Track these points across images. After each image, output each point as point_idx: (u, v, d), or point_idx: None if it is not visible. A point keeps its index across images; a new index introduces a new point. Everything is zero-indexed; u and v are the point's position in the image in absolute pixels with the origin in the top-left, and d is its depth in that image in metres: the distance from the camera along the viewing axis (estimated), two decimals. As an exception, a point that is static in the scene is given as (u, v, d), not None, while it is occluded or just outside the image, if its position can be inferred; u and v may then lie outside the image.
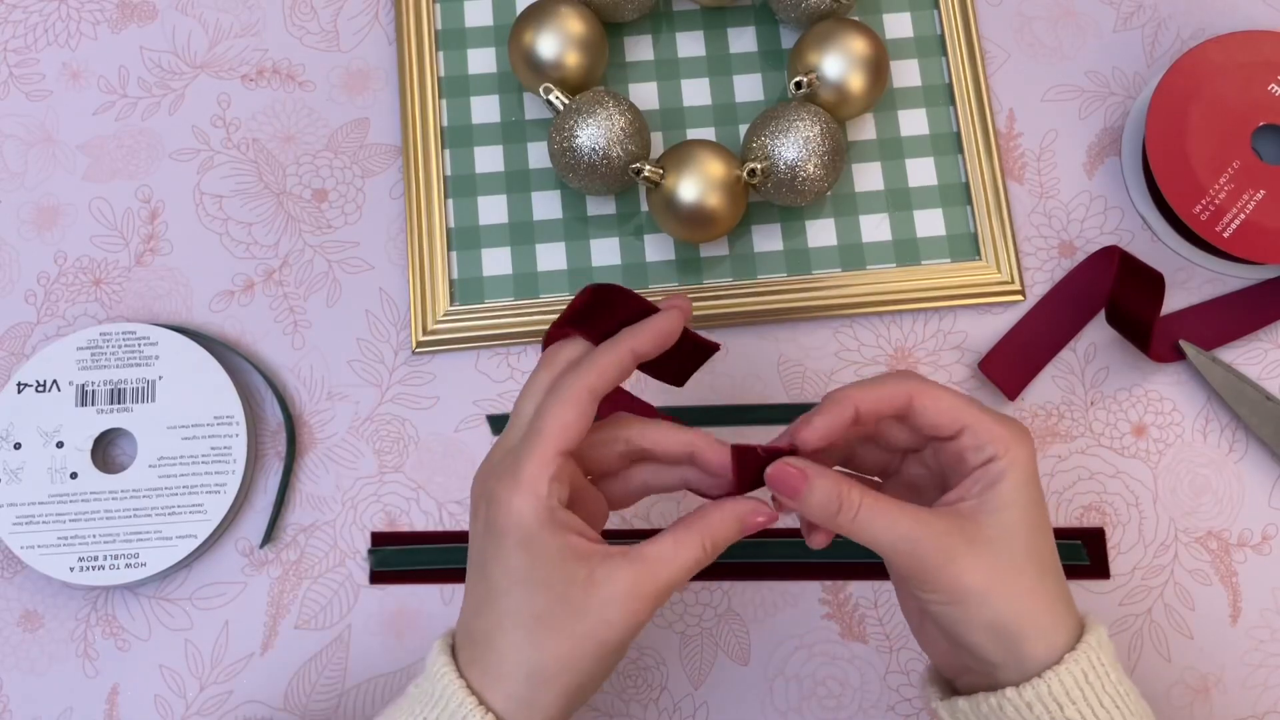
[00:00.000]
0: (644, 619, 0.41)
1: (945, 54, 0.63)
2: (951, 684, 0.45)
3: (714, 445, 0.44)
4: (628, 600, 0.41)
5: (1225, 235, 0.58)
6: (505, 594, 0.41)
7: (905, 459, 0.46)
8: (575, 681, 0.41)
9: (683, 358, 0.47)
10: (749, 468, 0.43)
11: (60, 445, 0.57)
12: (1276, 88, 0.59)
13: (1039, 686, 0.41)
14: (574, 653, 0.41)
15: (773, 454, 0.43)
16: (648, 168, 0.57)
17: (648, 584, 0.41)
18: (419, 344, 0.59)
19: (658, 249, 0.61)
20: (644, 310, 0.45)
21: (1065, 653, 0.41)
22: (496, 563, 0.41)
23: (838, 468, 0.44)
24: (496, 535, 0.41)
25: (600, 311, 0.45)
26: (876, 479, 0.47)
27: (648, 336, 0.44)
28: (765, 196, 0.59)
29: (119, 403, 0.57)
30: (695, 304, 0.59)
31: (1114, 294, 0.56)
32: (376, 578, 0.57)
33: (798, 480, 0.42)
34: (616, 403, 0.48)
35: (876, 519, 0.41)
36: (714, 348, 0.48)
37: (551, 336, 0.46)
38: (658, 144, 0.62)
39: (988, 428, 0.42)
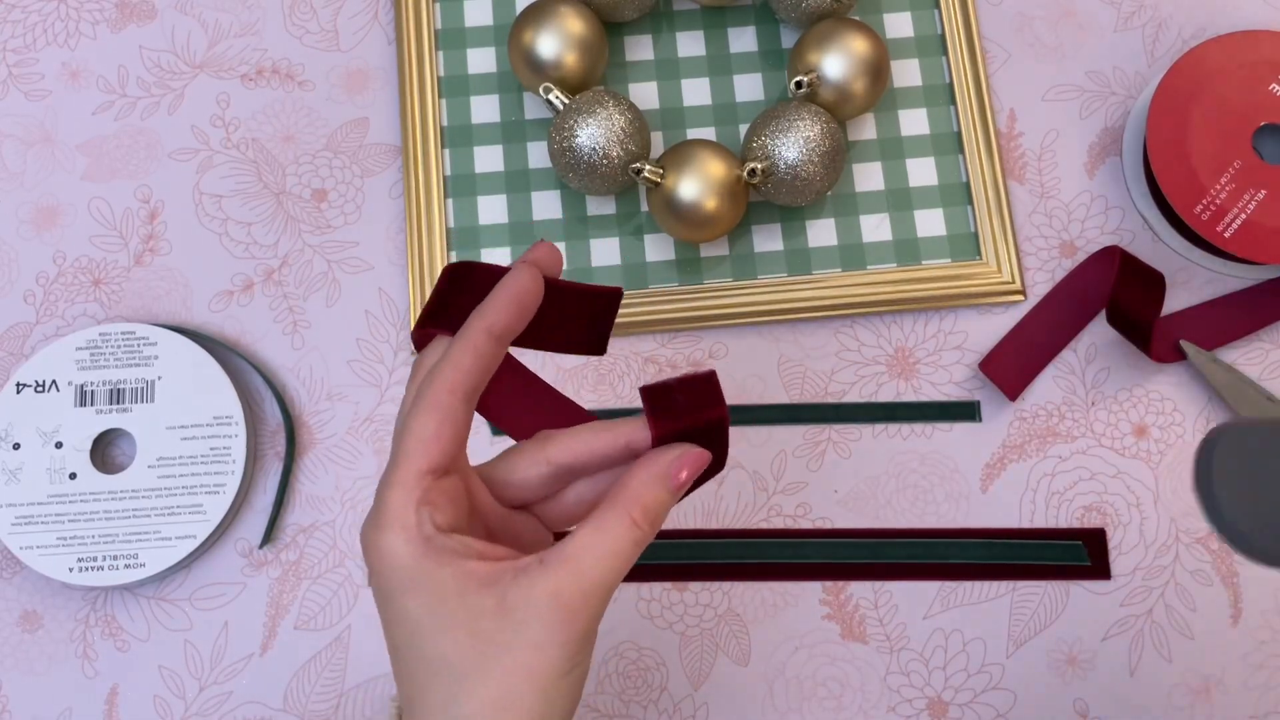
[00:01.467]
0: (583, 628, 0.35)
1: (946, 54, 0.63)
2: None
3: (642, 425, 0.37)
4: (552, 614, 0.34)
5: (1226, 235, 0.58)
6: (411, 650, 0.35)
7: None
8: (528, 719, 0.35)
9: (582, 318, 0.38)
10: (667, 410, 0.36)
11: (59, 445, 0.56)
12: (1277, 87, 0.59)
13: None
14: (509, 694, 0.34)
15: (688, 383, 0.37)
16: (648, 168, 0.57)
17: (572, 588, 0.35)
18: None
19: (658, 249, 0.61)
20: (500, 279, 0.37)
21: None
22: (391, 620, 0.35)
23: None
24: (380, 589, 0.35)
25: (457, 298, 0.38)
26: None
27: (500, 306, 0.37)
28: (765, 196, 0.59)
29: (118, 403, 0.57)
30: (695, 304, 0.59)
31: (1115, 294, 0.56)
32: (376, 578, 0.57)
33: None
34: (545, 412, 0.40)
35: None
36: (615, 293, 0.39)
37: (416, 341, 0.39)
38: (658, 144, 0.62)
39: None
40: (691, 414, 0.37)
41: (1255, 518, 0.41)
